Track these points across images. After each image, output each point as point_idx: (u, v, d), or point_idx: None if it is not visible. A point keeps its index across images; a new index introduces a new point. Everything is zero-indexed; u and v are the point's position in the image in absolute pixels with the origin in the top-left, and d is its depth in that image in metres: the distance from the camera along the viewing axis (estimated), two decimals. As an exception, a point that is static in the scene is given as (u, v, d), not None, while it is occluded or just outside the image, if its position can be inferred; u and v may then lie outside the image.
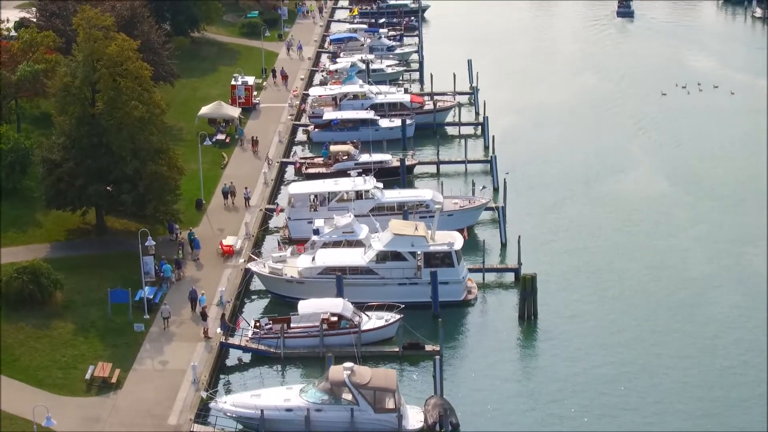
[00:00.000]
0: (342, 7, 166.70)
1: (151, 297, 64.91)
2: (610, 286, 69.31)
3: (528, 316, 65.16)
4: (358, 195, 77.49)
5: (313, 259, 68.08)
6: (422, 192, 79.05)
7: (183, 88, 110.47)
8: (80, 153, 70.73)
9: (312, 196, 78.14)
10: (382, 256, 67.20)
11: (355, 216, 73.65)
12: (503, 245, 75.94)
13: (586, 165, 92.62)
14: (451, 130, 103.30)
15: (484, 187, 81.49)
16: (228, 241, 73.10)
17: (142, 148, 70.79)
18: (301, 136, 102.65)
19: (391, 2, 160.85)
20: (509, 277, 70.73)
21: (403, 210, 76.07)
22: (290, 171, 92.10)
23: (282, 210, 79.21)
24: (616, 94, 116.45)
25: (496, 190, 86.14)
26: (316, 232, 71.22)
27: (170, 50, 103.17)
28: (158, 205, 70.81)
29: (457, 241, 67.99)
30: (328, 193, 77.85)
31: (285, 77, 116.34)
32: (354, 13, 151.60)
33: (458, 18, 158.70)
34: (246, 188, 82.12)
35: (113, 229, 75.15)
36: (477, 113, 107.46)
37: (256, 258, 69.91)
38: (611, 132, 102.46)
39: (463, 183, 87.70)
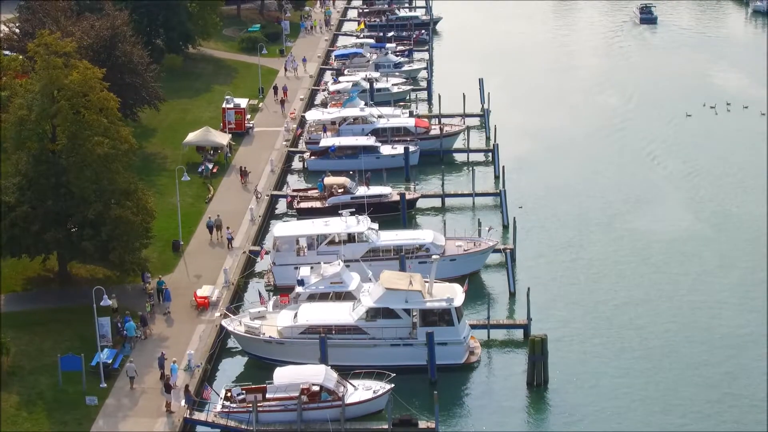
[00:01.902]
0: (350, 19, 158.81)
1: (110, 362, 57.35)
2: (631, 346, 61.17)
3: (537, 383, 57.31)
4: (351, 238, 69.80)
5: (295, 315, 60.42)
6: (422, 234, 71.16)
7: (172, 110, 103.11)
8: (37, 195, 63.36)
9: (299, 240, 70.44)
10: (373, 314, 59.50)
11: (348, 261, 66.34)
12: (512, 295, 67.99)
13: (605, 198, 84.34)
14: (459, 157, 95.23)
15: (491, 228, 73.32)
16: (203, 291, 65.47)
17: (106, 189, 63.40)
18: (297, 163, 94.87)
19: (401, 14, 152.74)
20: (518, 334, 62.79)
21: (400, 255, 68.38)
22: (282, 205, 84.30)
23: (267, 253, 71.56)
24: (638, 115, 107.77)
25: (505, 227, 78.24)
26: (301, 282, 63.58)
27: (155, 71, 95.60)
28: (123, 253, 63.21)
29: (458, 295, 60.23)
30: (317, 235, 70.11)
31: (285, 94, 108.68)
32: (361, 27, 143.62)
33: (472, 30, 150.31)
34: (228, 228, 74.51)
35: (78, 277, 67.78)
36: (488, 138, 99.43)
37: (230, 314, 62.14)
38: (632, 159, 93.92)
39: (470, 219, 79.77)
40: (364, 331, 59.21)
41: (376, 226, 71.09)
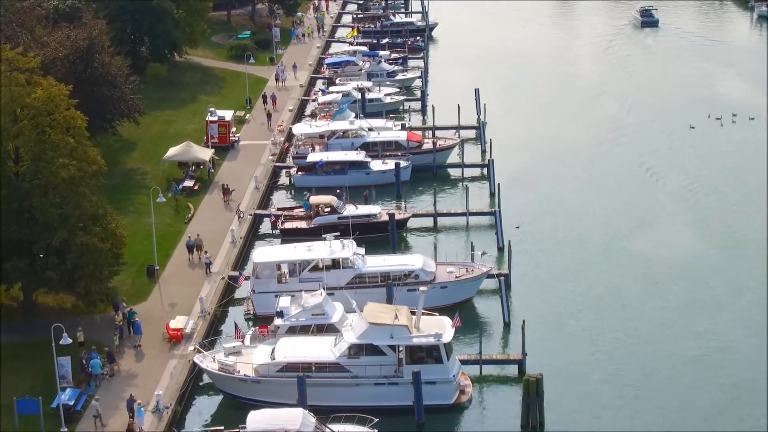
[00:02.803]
0: (344, 25, 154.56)
1: (72, 403, 53.20)
2: (634, 386, 56.82)
3: (532, 426, 53.23)
4: (335, 263, 65.65)
5: (273, 351, 56.32)
6: (411, 259, 67.09)
7: (155, 122, 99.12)
8: (-2, 220, 59.38)
9: (280, 265, 66.29)
10: (355, 350, 55.42)
11: (332, 288, 62.53)
12: (506, 325, 63.77)
13: (606, 218, 79.94)
14: (453, 173, 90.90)
15: (484, 253, 69.08)
16: (176, 323, 61.33)
17: (72, 214, 59.27)
18: (284, 179, 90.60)
19: (396, 20, 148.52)
20: (512, 370, 58.64)
21: (388, 282, 64.26)
22: (265, 225, 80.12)
23: (246, 279, 67.43)
24: (640, 127, 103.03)
25: (500, 249, 74.03)
26: (280, 314, 59.52)
27: (135, 83, 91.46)
28: (90, 282, 59.15)
29: (447, 330, 56.09)
30: (300, 261, 65.94)
31: (275, 103, 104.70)
32: (353, 34, 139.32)
33: (469, 36, 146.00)
34: (206, 252, 70.39)
35: (44, 306, 63.74)
36: (483, 151, 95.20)
37: (203, 350, 57.99)
38: (634, 175, 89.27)
39: (463, 241, 75.59)
40: (346, 369, 55.15)
41: (362, 250, 66.99)
